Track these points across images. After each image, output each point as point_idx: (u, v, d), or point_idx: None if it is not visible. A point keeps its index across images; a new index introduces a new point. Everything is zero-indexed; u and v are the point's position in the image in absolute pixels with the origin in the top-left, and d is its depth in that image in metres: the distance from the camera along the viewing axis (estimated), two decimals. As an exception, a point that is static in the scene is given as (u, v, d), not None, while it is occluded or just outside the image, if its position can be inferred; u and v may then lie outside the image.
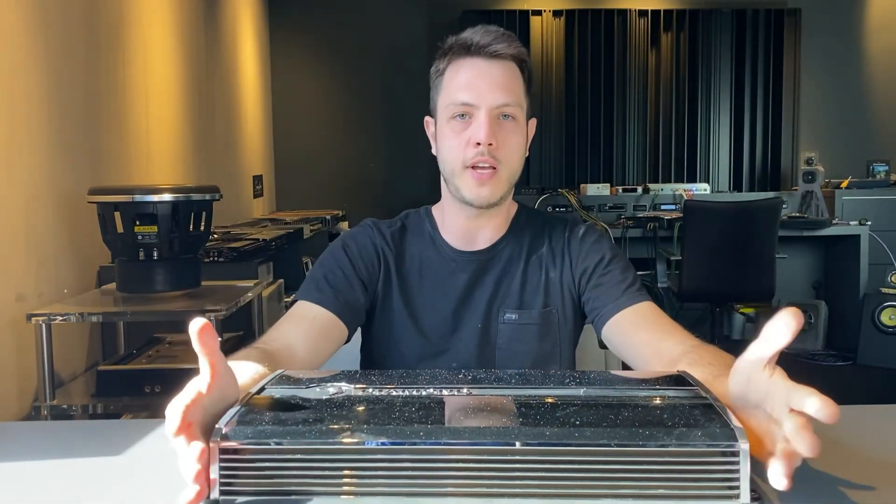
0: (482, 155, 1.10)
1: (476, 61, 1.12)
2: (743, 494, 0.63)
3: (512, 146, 1.13)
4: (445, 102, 1.14)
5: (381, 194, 5.35)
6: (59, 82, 2.24)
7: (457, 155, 1.12)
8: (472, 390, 0.76)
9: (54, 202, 2.18)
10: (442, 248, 1.22)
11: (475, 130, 1.10)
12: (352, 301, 1.16)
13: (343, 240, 1.23)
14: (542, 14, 5.35)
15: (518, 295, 1.19)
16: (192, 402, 0.64)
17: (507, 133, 1.12)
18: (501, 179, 1.13)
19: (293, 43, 5.36)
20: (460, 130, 1.12)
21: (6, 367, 1.94)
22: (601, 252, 1.19)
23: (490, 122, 1.10)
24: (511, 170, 1.14)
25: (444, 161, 1.16)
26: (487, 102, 1.10)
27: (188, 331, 0.66)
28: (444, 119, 1.15)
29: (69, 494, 0.75)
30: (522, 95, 1.16)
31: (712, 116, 5.43)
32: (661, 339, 1.04)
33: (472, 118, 1.11)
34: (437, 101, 1.17)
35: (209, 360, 0.67)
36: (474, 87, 1.11)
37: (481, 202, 1.13)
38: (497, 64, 1.12)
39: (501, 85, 1.12)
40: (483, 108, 1.10)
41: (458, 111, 1.12)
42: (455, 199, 1.18)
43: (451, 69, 1.14)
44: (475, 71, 1.12)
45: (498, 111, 1.11)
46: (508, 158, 1.13)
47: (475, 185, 1.12)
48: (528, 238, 1.22)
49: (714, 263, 3.72)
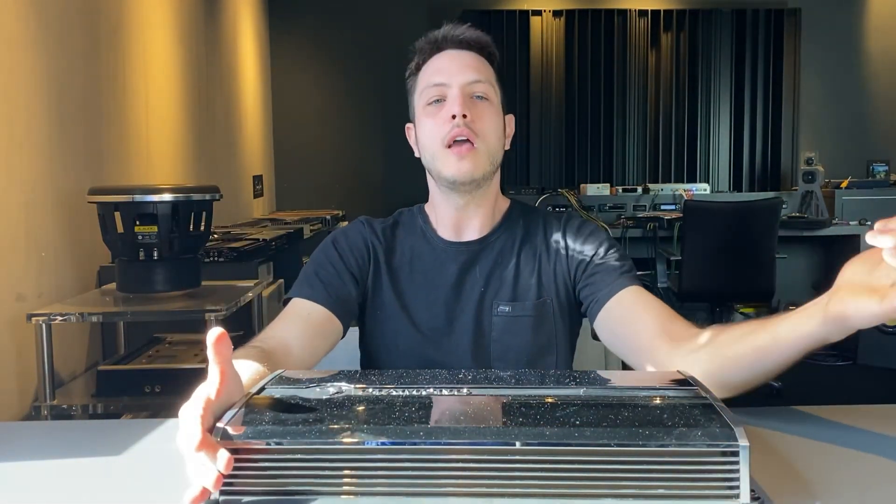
0: (458, 127, 1.11)
1: (446, 52, 1.18)
2: (743, 494, 0.63)
3: (487, 122, 1.14)
4: (420, 90, 1.18)
5: (380, 194, 5.35)
6: (59, 82, 2.24)
7: (434, 135, 1.14)
8: (471, 390, 0.76)
9: (54, 202, 2.18)
10: (432, 239, 1.22)
11: (449, 105, 1.13)
12: (343, 295, 1.17)
13: (333, 236, 1.24)
14: (542, 14, 5.35)
15: (511, 287, 1.19)
16: (204, 411, 0.65)
17: (481, 110, 1.14)
18: (480, 153, 1.13)
19: (293, 43, 5.36)
20: (436, 113, 1.15)
21: (6, 367, 1.94)
22: (598, 243, 1.19)
23: (462, 97, 1.13)
24: (489, 146, 1.15)
25: (424, 148, 1.18)
26: (458, 80, 1.14)
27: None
28: (421, 107, 1.18)
29: (69, 494, 0.75)
30: (493, 79, 1.19)
31: (712, 116, 5.43)
32: (669, 320, 1.04)
33: (445, 100, 1.14)
34: (415, 98, 1.21)
35: (220, 367, 0.69)
36: (445, 70, 1.15)
37: (464, 176, 1.13)
38: (465, 52, 1.17)
39: (471, 66, 1.16)
40: (455, 86, 1.14)
41: (432, 95, 1.15)
42: (441, 188, 1.18)
43: (423, 66, 1.20)
44: (446, 58, 1.17)
45: (470, 89, 1.14)
46: (485, 133, 1.14)
47: (455, 160, 1.12)
48: (522, 231, 1.22)
49: (714, 263, 3.72)
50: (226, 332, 0.68)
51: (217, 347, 0.68)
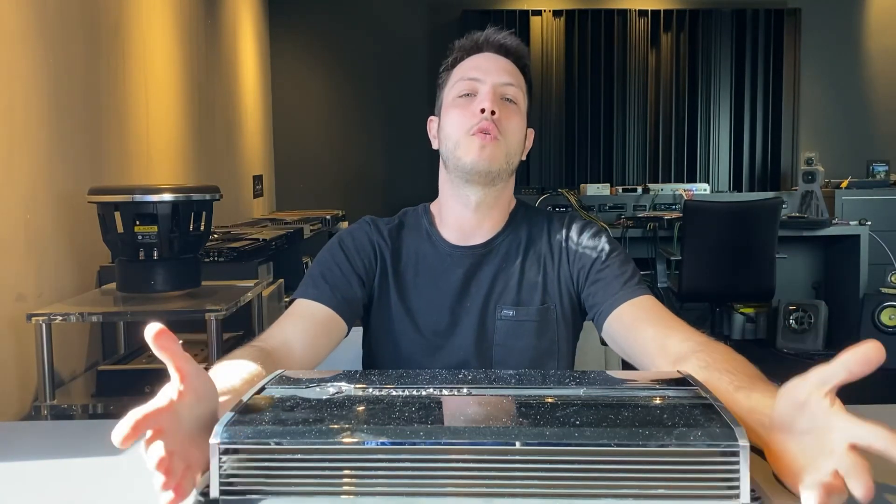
0: (486, 121, 1.12)
1: (484, 53, 1.20)
2: (743, 494, 0.63)
3: (513, 124, 1.16)
4: (453, 83, 1.19)
5: (381, 194, 5.35)
6: (59, 82, 2.24)
7: (461, 124, 1.15)
8: (471, 390, 0.76)
9: (54, 202, 2.18)
10: (438, 243, 1.22)
11: (480, 99, 1.14)
12: (349, 296, 1.16)
13: (340, 237, 1.23)
14: (542, 14, 5.35)
15: (515, 291, 1.19)
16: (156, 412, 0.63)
17: (509, 112, 1.16)
18: (501, 149, 1.14)
19: (293, 43, 5.36)
20: (466, 105, 1.16)
21: (6, 367, 1.94)
22: (599, 247, 1.19)
23: (494, 95, 1.15)
24: (510, 146, 1.15)
25: (447, 137, 1.17)
26: (493, 79, 1.16)
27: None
28: (449, 101, 1.19)
29: (69, 494, 0.75)
30: (524, 88, 1.21)
31: (712, 116, 5.43)
32: (666, 335, 1.02)
33: (476, 95, 1.16)
34: (444, 92, 1.21)
35: (174, 363, 0.66)
36: (482, 68, 1.17)
37: (482, 164, 1.13)
38: (503, 58, 1.19)
39: (507, 70, 1.18)
40: (488, 83, 1.15)
41: (464, 88, 1.16)
42: (454, 185, 1.18)
43: (459, 63, 1.21)
44: (482, 58, 1.19)
45: (502, 90, 1.16)
46: (509, 133, 1.15)
47: (478, 146, 1.12)
48: (526, 234, 1.22)
49: (714, 263, 3.72)
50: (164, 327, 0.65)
51: (159, 342, 0.65)
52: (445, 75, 1.23)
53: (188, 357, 0.68)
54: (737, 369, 0.86)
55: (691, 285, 3.74)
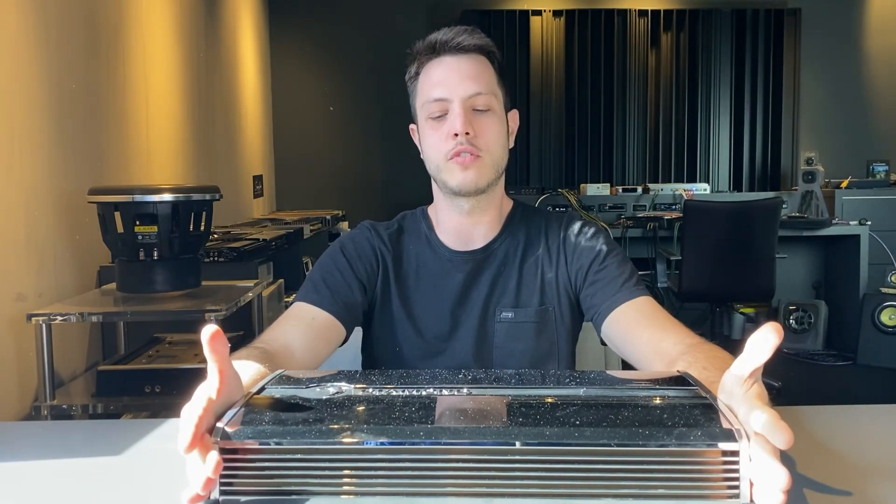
0: (461, 144, 1.11)
1: (443, 59, 1.16)
2: (743, 494, 0.63)
3: (490, 136, 1.14)
4: (421, 103, 1.17)
5: (381, 194, 5.35)
6: (59, 82, 2.24)
7: (438, 149, 1.14)
8: (471, 390, 0.76)
9: (54, 202, 2.18)
10: (437, 248, 1.22)
11: (451, 122, 1.12)
12: (350, 302, 1.16)
13: (341, 242, 1.23)
14: (542, 14, 5.35)
15: (514, 294, 1.19)
16: (204, 412, 0.64)
17: (483, 124, 1.14)
18: (485, 164, 1.13)
19: (293, 43, 5.36)
20: (439, 127, 1.14)
21: (6, 367, 1.94)
22: (597, 248, 1.19)
23: (465, 114, 1.12)
24: (494, 157, 1.15)
25: (429, 160, 1.18)
26: (459, 94, 1.13)
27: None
28: (423, 118, 1.17)
29: (69, 494, 0.75)
30: (495, 85, 1.17)
31: (712, 116, 5.43)
32: (661, 338, 1.03)
33: (446, 114, 1.13)
34: (415, 105, 1.20)
35: (219, 366, 0.68)
36: (445, 83, 1.14)
37: (468, 187, 1.13)
38: (465, 58, 1.15)
39: (471, 76, 1.14)
40: (456, 101, 1.12)
41: (433, 109, 1.14)
42: (446, 197, 1.18)
43: (422, 72, 1.18)
44: (444, 68, 1.15)
45: (471, 102, 1.13)
46: (489, 146, 1.14)
47: (459, 170, 1.12)
48: (524, 236, 1.22)
49: (714, 263, 3.72)
50: (220, 330, 0.67)
51: (213, 345, 0.66)
52: (411, 85, 1.21)
53: (230, 361, 0.70)
54: (714, 366, 0.87)
55: (691, 285, 3.74)
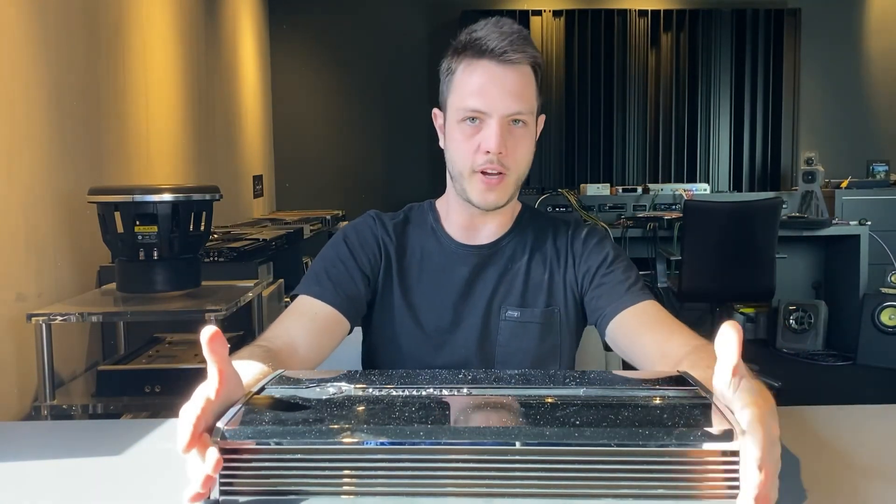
0: (491, 163, 1.09)
1: (490, 65, 1.09)
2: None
3: (521, 152, 1.12)
4: (456, 104, 1.12)
5: (381, 194, 5.35)
6: (59, 82, 2.24)
7: (466, 158, 1.11)
8: (472, 390, 0.76)
9: (54, 202, 2.18)
10: (443, 240, 1.22)
11: (486, 138, 1.08)
12: (353, 294, 1.16)
13: (344, 231, 1.22)
14: (542, 14, 5.35)
15: (520, 293, 1.19)
16: (203, 412, 0.64)
17: (517, 139, 1.11)
18: (509, 184, 1.12)
19: (293, 43, 5.36)
20: (470, 135, 1.10)
21: (6, 367, 1.94)
22: (604, 252, 1.19)
23: (501, 131, 1.08)
24: (519, 174, 1.14)
25: (452, 161, 1.15)
26: (500, 111, 1.08)
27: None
28: (453, 119, 1.13)
29: (69, 494, 0.75)
30: (535, 100, 1.13)
31: (712, 116, 5.43)
32: (667, 340, 1.03)
33: (482, 123, 1.09)
34: (448, 99, 1.14)
35: (218, 367, 0.67)
36: (486, 94, 1.08)
37: (488, 206, 1.13)
38: (511, 69, 1.09)
39: (514, 93, 1.09)
40: (495, 117, 1.08)
41: (469, 115, 1.10)
42: (460, 197, 1.18)
43: (463, 70, 1.11)
44: (488, 76, 1.09)
45: (510, 118, 1.10)
46: (517, 164, 1.12)
47: (483, 189, 1.11)
48: (532, 237, 1.22)
49: (714, 263, 3.72)
50: (219, 331, 0.67)
51: (212, 346, 0.66)
52: (447, 77, 1.14)
53: (230, 361, 0.70)
54: None
55: (691, 285, 3.74)
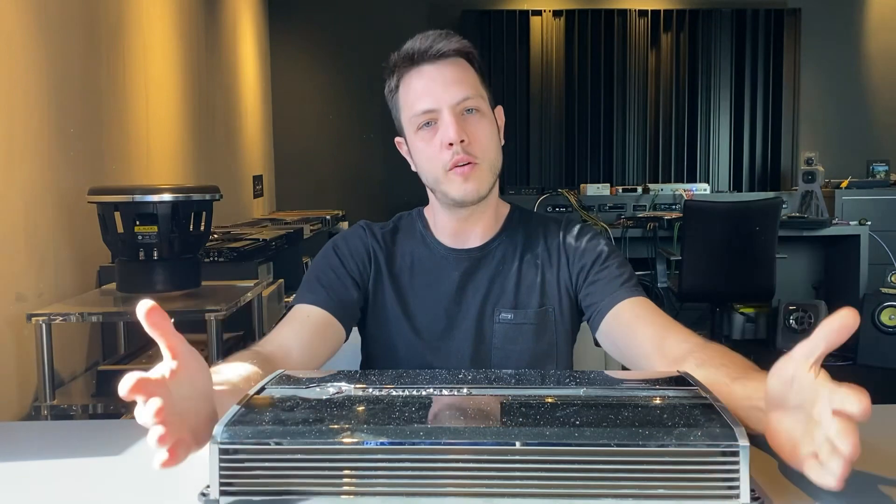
0: (457, 153, 1.10)
1: (423, 68, 1.12)
2: (743, 494, 0.63)
3: (484, 138, 1.12)
4: (408, 116, 1.14)
5: (381, 194, 5.35)
6: (59, 82, 2.24)
7: (435, 162, 1.12)
8: (471, 390, 0.76)
9: (54, 202, 2.18)
10: (433, 246, 1.22)
11: (444, 132, 1.10)
12: (345, 299, 1.16)
13: (334, 242, 1.24)
14: (542, 14, 5.35)
15: (513, 294, 1.19)
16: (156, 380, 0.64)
17: (475, 127, 1.12)
18: (483, 171, 1.12)
19: (293, 43, 5.36)
20: (430, 138, 1.12)
21: (6, 367, 1.94)
22: (598, 249, 1.19)
23: (456, 120, 1.09)
24: (490, 160, 1.14)
25: (425, 172, 1.16)
26: (446, 102, 1.10)
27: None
28: (412, 133, 1.14)
29: (69, 494, 0.75)
30: (480, 86, 1.14)
31: (712, 116, 5.43)
32: (664, 336, 1.02)
33: (437, 123, 1.11)
34: (401, 119, 1.17)
35: (166, 342, 0.66)
36: (430, 92, 1.10)
37: (470, 197, 1.13)
38: (444, 64, 1.12)
39: (455, 81, 1.11)
40: (445, 109, 1.10)
41: (422, 120, 1.12)
42: (443, 206, 1.18)
43: (402, 84, 1.14)
44: (425, 77, 1.12)
45: (460, 108, 1.11)
46: (484, 150, 1.12)
47: (460, 182, 1.11)
48: (522, 237, 1.22)
49: (714, 263, 3.72)
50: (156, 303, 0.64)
51: (151, 319, 0.64)
52: (393, 99, 1.17)
53: (181, 337, 0.68)
54: (732, 363, 0.88)
55: (691, 285, 3.74)
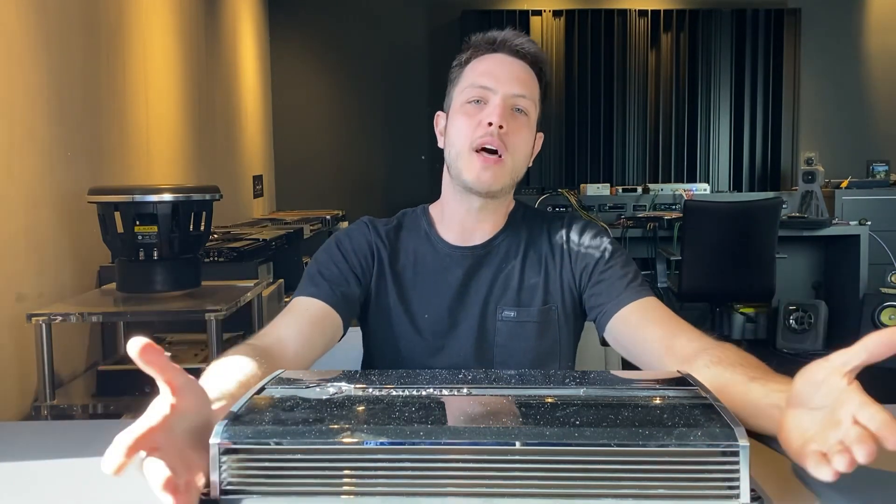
0: (491, 136, 1.10)
1: (500, 55, 1.16)
2: (743, 494, 0.63)
3: (520, 138, 1.14)
4: (463, 88, 1.16)
5: (381, 194, 5.35)
6: (59, 82, 2.24)
7: (466, 135, 1.13)
8: (472, 390, 0.76)
9: (54, 202, 2.18)
10: (437, 243, 1.21)
11: (489, 112, 1.11)
12: (346, 293, 1.16)
13: (337, 237, 1.23)
14: (542, 14, 5.35)
15: (516, 292, 1.18)
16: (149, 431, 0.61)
17: (518, 125, 1.13)
18: (506, 168, 1.13)
19: (293, 43, 5.36)
20: (474, 113, 1.13)
21: (6, 367, 1.94)
22: (601, 247, 1.18)
23: (504, 107, 1.12)
24: (516, 161, 1.14)
25: (451, 144, 1.16)
26: (504, 89, 1.12)
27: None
28: (458, 105, 1.16)
29: (69, 494, 0.75)
30: (537, 99, 1.17)
31: (712, 116, 5.43)
32: (674, 336, 1.02)
33: (486, 104, 1.13)
34: (454, 92, 1.19)
35: (163, 377, 0.64)
36: (494, 74, 1.13)
37: (482, 187, 1.12)
38: (518, 60, 1.15)
39: (520, 79, 1.14)
40: (499, 94, 1.12)
41: (474, 95, 1.14)
42: (456, 189, 1.17)
43: (474, 60, 1.17)
44: (497, 61, 1.15)
45: (513, 101, 1.13)
46: (515, 148, 1.13)
47: (480, 167, 1.11)
48: (526, 235, 1.22)
49: (714, 263, 3.72)
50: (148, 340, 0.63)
51: (145, 357, 0.62)
52: (457, 71, 1.19)
53: (177, 369, 0.66)
54: (749, 363, 0.89)
55: (691, 285, 3.74)
